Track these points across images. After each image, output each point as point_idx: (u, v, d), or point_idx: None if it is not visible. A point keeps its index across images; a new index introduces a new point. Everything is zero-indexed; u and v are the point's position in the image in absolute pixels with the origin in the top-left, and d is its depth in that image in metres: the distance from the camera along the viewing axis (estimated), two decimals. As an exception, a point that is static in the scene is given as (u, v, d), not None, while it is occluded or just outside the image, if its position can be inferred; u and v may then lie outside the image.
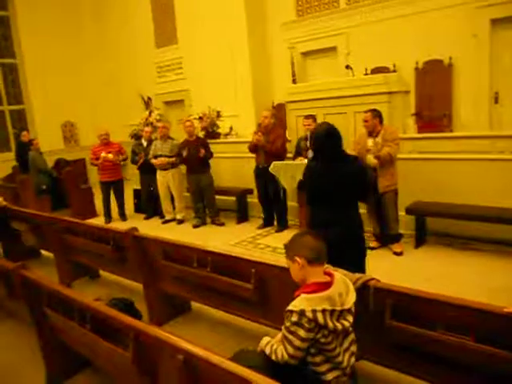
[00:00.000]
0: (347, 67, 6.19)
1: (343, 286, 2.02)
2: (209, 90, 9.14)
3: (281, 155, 5.99)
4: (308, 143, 5.45)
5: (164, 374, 2.14)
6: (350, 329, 2.04)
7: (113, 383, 3.00)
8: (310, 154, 5.42)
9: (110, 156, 7.30)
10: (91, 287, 4.86)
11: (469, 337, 2.00)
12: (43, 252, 5.96)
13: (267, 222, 6.45)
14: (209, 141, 7.05)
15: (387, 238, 4.98)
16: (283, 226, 6.26)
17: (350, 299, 1.99)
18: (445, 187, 4.97)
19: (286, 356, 1.94)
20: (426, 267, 4.50)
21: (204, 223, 6.95)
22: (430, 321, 2.12)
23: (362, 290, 2.27)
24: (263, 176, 6.06)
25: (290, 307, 1.93)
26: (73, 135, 11.73)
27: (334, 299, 1.93)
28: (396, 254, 4.85)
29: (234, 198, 6.94)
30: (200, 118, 8.08)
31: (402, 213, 4.99)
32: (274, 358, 2.01)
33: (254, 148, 6.12)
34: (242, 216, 6.93)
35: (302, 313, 1.87)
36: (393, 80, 5.23)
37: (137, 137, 9.56)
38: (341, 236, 3.03)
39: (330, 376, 1.96)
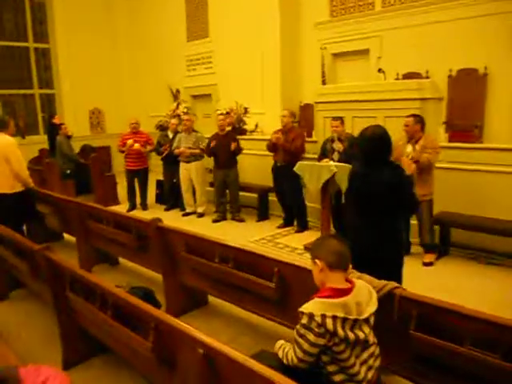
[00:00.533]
0: (379, 71, 6.10)
1: (365, 296, 1.95)
2: (237, 86, 9.13)
3: (300, 154, 5.99)
4: (334, 145, 5.39)
5: (183, 365, 2.15)
6: (371, 341, 1.98)
7: (128, 369, 3.03)
8: (336, 156, 5.38)
9: (137, 146, 7.38)
10: (110, 274, 4.92)
11: (495, 353, 1.94)
12: (66, 235, 6.05)
13: (287, 222, 6.43)
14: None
15: (424, 247, 4.86)
16: (303, 226, 6.23)
17: (369, 309, 1.92)
18: (472, 199, 4.88)
19: (295, 359, 1.91)
20: (447, 279, 4.42)
21: (224, 218, 6.96)
22: (456, 334, 2.07)
23: (387, 298, 2.23)
24: (281, 174, 6.08)
25: (301, 308, 1.90)
26: (99, 122, 11.88)
27: (349, 307, 1.86)
28: (425, 264, 4.75)
29: (255, 195, 6.93)
30: (227, 113, 8.08)
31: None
32: (285, 361, 1.98)
33: (272, 147, 6.13)
34: (263, 214, 6.92)
35: (311, 316, 1.83)
36: (426, 86, 5.11)
37: (162, 128, 9.62)
38: (372, 245, 2.95)
39: None
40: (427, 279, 4.39)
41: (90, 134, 11.63)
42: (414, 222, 4.91)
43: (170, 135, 7.50)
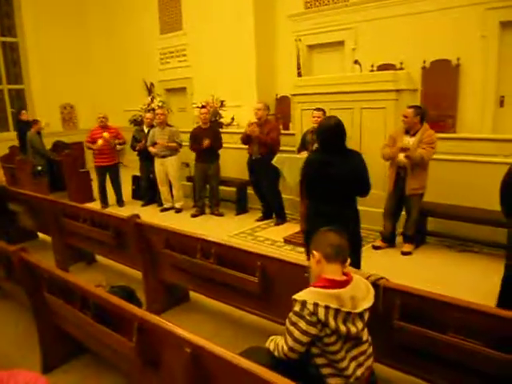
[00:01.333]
0: (356, 62, 6.12)
1: (362, 291, 1.96)
2: (212, 79, 9.05)
3: (275, 147, 5.99)
4: (315, 136, 5.38)
5: (168, 365, 2.11)
6: (364, 338, 1.99)
7: (110, 370, 2.97)
8: (316, 147, 5.39)
9: (106, 134, 7.19)
10: (88, 272, 4.82)
11: (478, 341, 1.98)
12: (40, 235, 5.90)
13: (266, 215, 6.42)
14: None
15: (405, 238, 4.91)
16: (282, 219, 6.24)
17: (364, 304, 1.93)
18: (447, 188, 4.96)
19: (285, 348, 1.91)
20: (424, 268, 4.49)
21: (203, 213, 6.91)
22: (438, 322, 2.11)
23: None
24: (257, 167, 6.06)
25: (295, 296, 1.92)
26: (72, 118, 11.60)
27: (343, 300, 1.87)
28: (404, 253, 4.80)
29: (234, 189, 6.90)
30: (203, 107, 7.98)
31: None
32: (276, 353, 1.98)
33: (246, 139, 6.09)
34: (242, 207, 6.89)
35: (303, 303, 1.84)
36: (401, 78, 5.16)
37: (136, 122, 9.48)
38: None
39: (332, 382, 1.92)
40: (407, 268, 4.46)
41: (62, 130, 11.35)
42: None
43: (146, 130, 7.37)
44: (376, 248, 4.96)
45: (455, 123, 6.48)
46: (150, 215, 6.89)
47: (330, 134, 3.28)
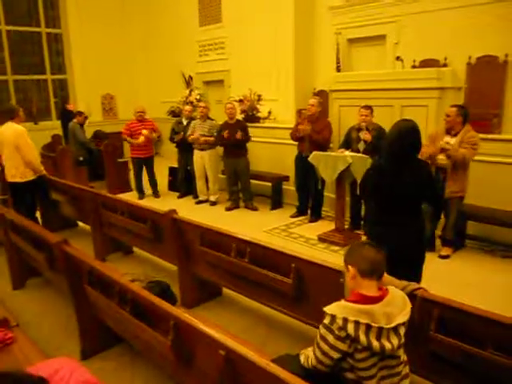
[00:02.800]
0: (398, 58, 5.96)
1: (398, 307, 1.89)
2: (249, 72, 9.03)
3: (326, 146, 5.92)
4: (361, 134, 5.26)
5: (201, 364, 2.14)
6: (401, 358, 1.92)
7: (145, 359, 3.06)
8: (362, 146, 5.28)
9: (145, 132, 7.34)
10: (125, 263, 4.94)
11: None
12: (80, 223, 6.09)
13: (301, 211, 6.40)
14: (248, 124, 6.96)
15: (444, 241, 4.80)
16: (317, 216, 6.20)
17: (398, 319, 1.86)
18: (490, 191, 4.79)
19: (314, 360, 1.89)
20: (461, 272, 4.38)
21: (237, 207, 6.95)
22: (478, 337, 2.05)
23: (409, 298, 2.19)
24: (305, 165, 5.96)
25: (325, 308, 1.88)
26: (112, 108, 11.87)
27: (375, 315, 1.81)
28: (442, 257, 4.69)
29: (269, 184, 6.90)
30: (240, 101, 8.00)
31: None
32: (306, 365, 1.96)
33: (298, 137, 6.01)
34: (277, 202, 6.89)
35: (333, 317, 1.81)
36: (446, 75, 4.98)
37: (174, 114, 9.60)
38: (402, 240, 2.89)
39: None
40: (444, 272, 4.35)
41: (103, 120, 11.63)
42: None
43: (184, 122, 7.45)
44: None
45: (501, 123, 6.22)
46: (185, 208, 7.01)
47: (395, 140, 2.95)
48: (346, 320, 1.79)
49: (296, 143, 6.13)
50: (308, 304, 2.83)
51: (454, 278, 4.24)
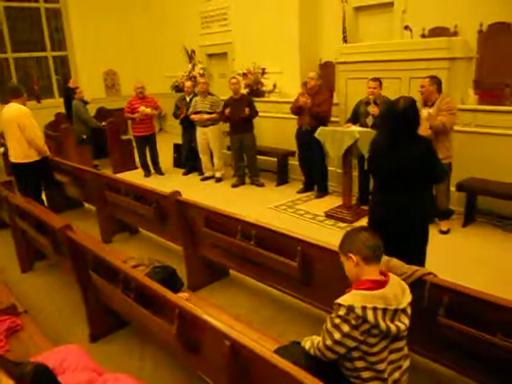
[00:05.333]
0: (406, 28, 5.75)
1: (398, 288, 1.90)
2: (253, 44, 8.79)
3: (327, 119, 5.80)
4: (369, 108, 5.12)
5: (207, 352, 2.13)
6: (403, 344, 1.92)
7: (154, 343, 3.07)
8: (370, 120, 5.16)
9: (148, 110, 7.26)
10: (131, 244, 4.94)
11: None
12: (85, 203, 6.07)
13: (307, 187, 6.33)
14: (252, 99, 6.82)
15: (436, 214, 4.72)
16: (323, 191, 6.14)
17: (405, 300, 1.88)
18: (501, 165, 4.66)
19: (322, 346, 1.87)
20: (472, 248, 4.32)
21: (243, 183, 6.90)
22: (487, 323, 2.00)
23: (418, 283, 2.15)
24: (306, 139, 5.87)
25: (338, 300, 1.84)
26: (114, 84, 11.68)
27: (388, 299, 1.82)
28: (442, 232, 4.63)
29: (275, 160, 6.81)
30: (244, 75, 7.82)
31: (452, 188, 4.75)
32: (312, 351, 1.95)
33: (297, 110, 5.90)
34: (282, 178, 6.82)
35: (350, 308, 1.78)
36: (457, 45, 4.78)
37: (178, 89, 9.44)
38: (403, 220, 2.85)
39: None
40: (447, 249, 4.29)
41: (106, 97, 11.48)
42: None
43: (187, 98, 7.32)
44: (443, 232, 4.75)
45: (513, 92, 6.02)
46: (190, 184, 6.98)
47: (399, 120, 2.88)
48: (364, 308, 1.77)
49: (300, 117, 6.01)
50: (315, 286, 2.80)
51: (458, 253, 4.19)
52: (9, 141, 5.06)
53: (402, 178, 2.88)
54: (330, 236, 4.57)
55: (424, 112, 4.45)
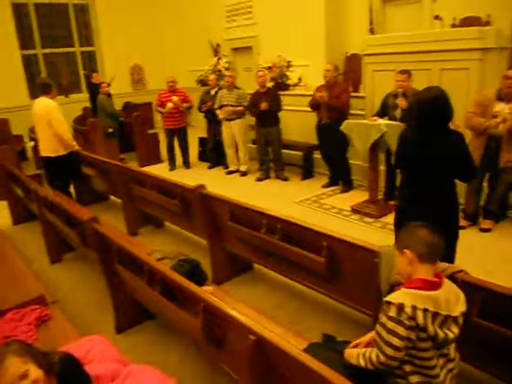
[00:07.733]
0: (436, 17, 5.59)
1: (452, 294, 1.78)
2: (278, 37, 8.68)
3: (345, 111, 5.75)
4: (398, 101, 4.95)
5: (232, 346, 2.12)
6: (452, 349, 1.82)
7: (178, 333, 3.08)
8: (399, 113, 5.03)
9: (175, 98, 7.27)
10: (156, 236, 4.98)
11: None
12: (112, 196, 6.15)
13: (333, 181, 6.26)
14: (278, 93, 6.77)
15: (487, 214, 4.55)
16: (348, 186, 6.05)
17: (459, 308, 1.75)
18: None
19: (383, 359, 1.73)
20: (503, 246, 4.17)
21: (268, 177, 6.86)
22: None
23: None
24: (326, 132, 5.84)
25: (387, 298, 1.74)
26: (141, 78, 11.78)
27: (439, 302, 1.70)
28: (482, 230, 4.47)
29: (300, 153, 6.75)
30: (269, 68, 7.76)
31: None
32: (369, 366, 1.80)
33: (315, 106, 5.86)
34: (307, 172, 6.76)
35: (400, 307, 1.67)
36: (489, 35, 4.62)
37: (203, 83, 9.45)
38: (432, 215, 2.66)
39: None
40: (485, 246, 4.17)
41: (132, 91, 11.59)
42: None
43: (212, 92, 7.33)
44: (460, 228, 4.63)
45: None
46: (215, 178, 6.99)
47: (429, 111, 2.70)
48: (415, 308, 1.66)
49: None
50: (341, 283, 2.75)
51: (495, 251, 4.05)
52: (38, 135, 5.16)
53: (430, 172, 2.75)
54: (355, 231, 4.51)
55: (499, 106, 4.16)
